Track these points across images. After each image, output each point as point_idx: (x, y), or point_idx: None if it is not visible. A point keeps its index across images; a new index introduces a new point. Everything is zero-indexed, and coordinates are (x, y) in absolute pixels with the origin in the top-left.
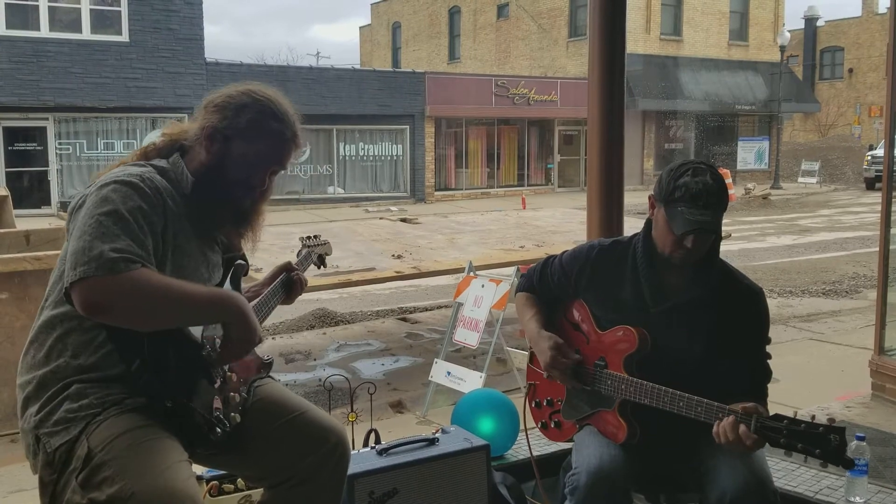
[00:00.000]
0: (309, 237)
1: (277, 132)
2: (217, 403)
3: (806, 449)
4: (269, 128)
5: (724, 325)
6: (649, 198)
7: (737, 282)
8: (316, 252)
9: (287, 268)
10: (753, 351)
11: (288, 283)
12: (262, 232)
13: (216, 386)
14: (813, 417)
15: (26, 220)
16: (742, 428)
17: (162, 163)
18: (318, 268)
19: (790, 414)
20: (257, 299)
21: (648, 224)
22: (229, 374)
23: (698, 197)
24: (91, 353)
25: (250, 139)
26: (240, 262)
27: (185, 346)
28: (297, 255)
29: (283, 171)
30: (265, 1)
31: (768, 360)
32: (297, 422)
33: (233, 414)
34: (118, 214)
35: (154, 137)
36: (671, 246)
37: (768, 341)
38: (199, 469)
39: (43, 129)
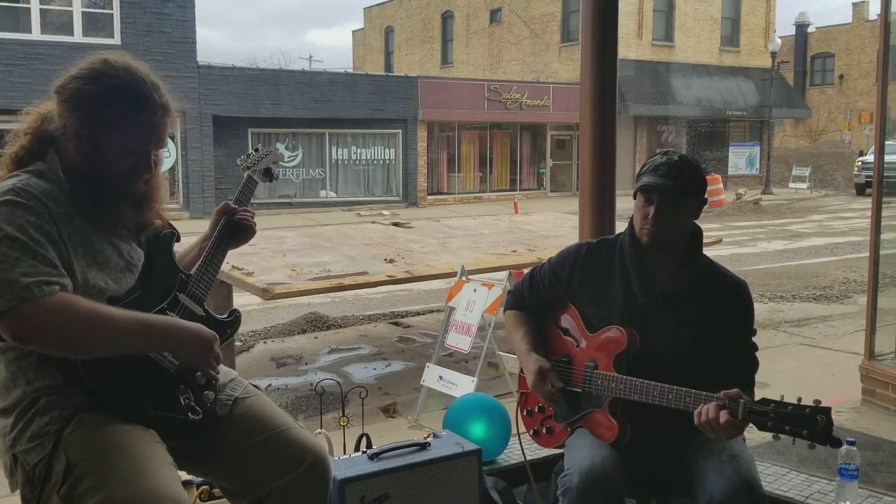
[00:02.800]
0: (248, 154)
1: (148, 115)
2: (183, 392)
3: (794, 430)
4: (138, 115)
5: (710, 317)
6: None
7: (720, 275)
8: (258, 169)
9: (225, 210)
10: (739, 342)
11: (231, 228)
12: (163, 196)
13: (173, 375)
14: (799, 400)
15: None
16: (724, 413)
17: (38, 165)
18: (269, 181)
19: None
20: (199, 262)
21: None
22: None
23: (660, 167)
24: (46, 374)
25: (121, 131)
26: (168, 231)
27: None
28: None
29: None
30: (264, 6)
31: (755, 352)
32: (275, 440)
33: (205, 392)
34: (9, 238)
35: (23, 134)
36: (639, 221)
37: (754, 332)
38: (188, 476)
39: None
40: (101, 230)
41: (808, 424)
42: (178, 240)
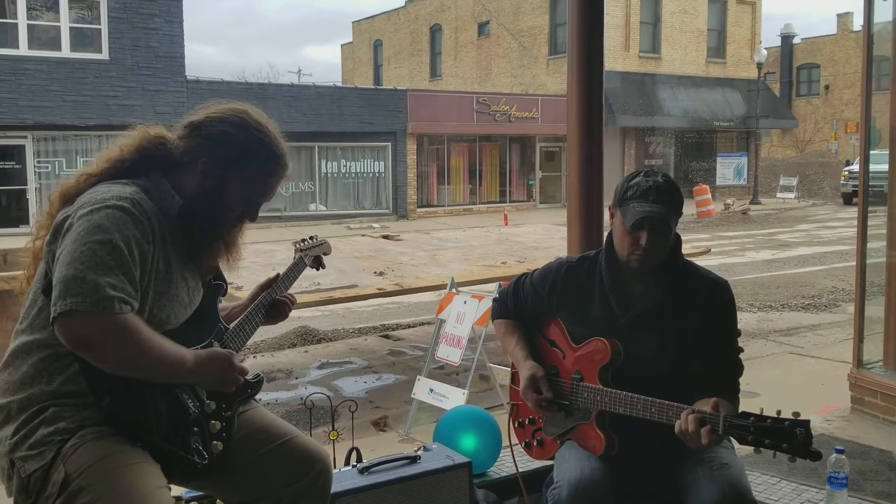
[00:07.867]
0: (304, 240)
1: (277, 174)
2: (195, 435)
3: (773, 444)
4: (269, 171)
5: (692, 322)
6: (609, 208)
7: (701, 277)
8: (311, 255)
9: (269, 284)
10: (724, 344)
11: (270, 305)
12: (241, 252)
13: (192, 418)
14: (779, 413)
15: (3, 240)
16: (705, 428)
17: (143, 181)
18: (316, 269)
19: (756, 411)
20: (236, 321)
21: (610, 235)
22: (207, 402)
23: (649, 192)
24: (67, 379)
25: (250, 182)
26: (217, 282)
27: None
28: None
29: None
30: (261, 23)
31: (739, 354)
32: (283, 449)
33: (214, 442)
34: (112, 244)
35: (120, 146)
36: (628, 247)
37: (738, 334)
38: (178, 490)
39: (21, 148)
40: (182, 262)
41: (787, 438)
42: (225, 293)
